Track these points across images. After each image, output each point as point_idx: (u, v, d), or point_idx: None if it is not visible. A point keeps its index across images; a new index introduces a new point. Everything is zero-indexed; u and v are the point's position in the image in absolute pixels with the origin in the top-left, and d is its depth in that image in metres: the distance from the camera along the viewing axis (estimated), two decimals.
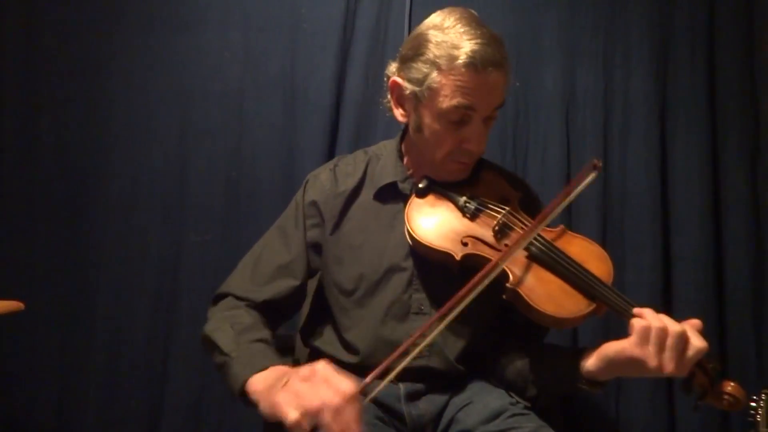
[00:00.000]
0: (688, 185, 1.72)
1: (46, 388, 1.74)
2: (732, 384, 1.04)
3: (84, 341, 1.74)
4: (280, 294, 1.23)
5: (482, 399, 1.18)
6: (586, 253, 1.14)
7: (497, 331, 1.24)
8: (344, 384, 0.91)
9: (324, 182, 1.28)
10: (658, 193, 1.72)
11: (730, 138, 1.74)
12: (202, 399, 1.73)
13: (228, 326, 1.15)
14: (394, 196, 1.24)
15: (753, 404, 1.22)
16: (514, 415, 1.14)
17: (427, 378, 1.20)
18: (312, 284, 1.33)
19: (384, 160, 1.29)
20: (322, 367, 0.93)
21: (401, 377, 1.19)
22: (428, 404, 1.20)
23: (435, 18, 1.17)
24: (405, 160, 1.28)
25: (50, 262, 1.75)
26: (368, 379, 0.96)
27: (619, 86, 1.77)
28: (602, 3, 1.79)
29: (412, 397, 1.20)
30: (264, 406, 0.97)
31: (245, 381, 1.02)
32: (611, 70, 1.78)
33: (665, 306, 1.69)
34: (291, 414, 0.88)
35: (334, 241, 1.25)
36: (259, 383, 1.01)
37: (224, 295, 1.25)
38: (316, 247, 1.27)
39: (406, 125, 1.26)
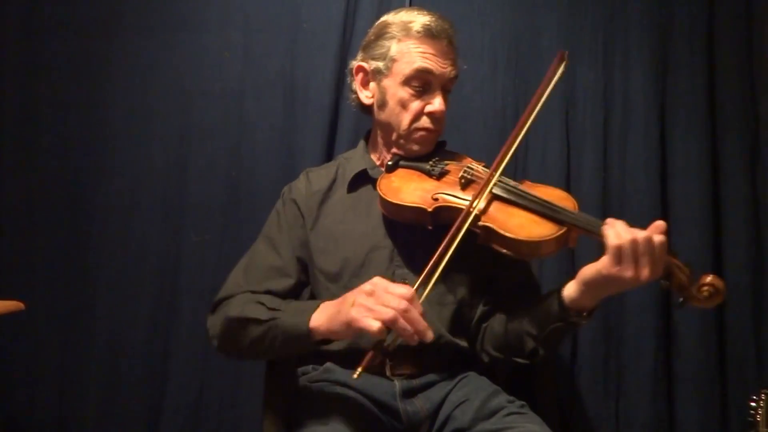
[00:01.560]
0: (687, 185, 1.73)
1: (46, 388, 1.74)
2: (710, 276, 1.07)
3: (84, 341, 1.74)
4: (278, 291, 1.27)
5: (479, 397, 1.19)
6: (550, 195, 1.21)
7: (485, 301, 1.28)
8: (403, 289, 1.02)
9: (299, 186, 1.37)
10: (657, 193, 1.73)
11: (730, 137, 1.74)
12: (202, 399, 1.73)
13: (254, 304, 1.21)
14: (365, 183, 1.32)
15: (753, 404, 1.22)
16: (510, 413, 1.15)
17: (423, 360, 1.22)
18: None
19: (353, 159, 1.38)
20: (378, 280, 1.05)
21: (396, 362, 1.22)
22: (424, 401, 1.21)
23: (387, 14, 1.33)
24: (372, 154, 1.37)
25: (50, 262, 1.75)
26: (417, 284, 1.06)
27: (619, 86, 1.77)
28: (602, 3, 1.79)
29: (408, 394, 1.21)
30: (337, 330, 1.08)
31: (307, 322, 1.11)
32: (611, 70, 1.78)
33: (665, 305, 1.69)
34: (372, 324, 1.00)
35: (315, 236, 1.30)
36: (320, 319, 1.10)
37: (221, 300, 1.27)
38: (302, 245, 1.31)
39: (369, 131, 1.39)
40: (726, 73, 1.75)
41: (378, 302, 1.02)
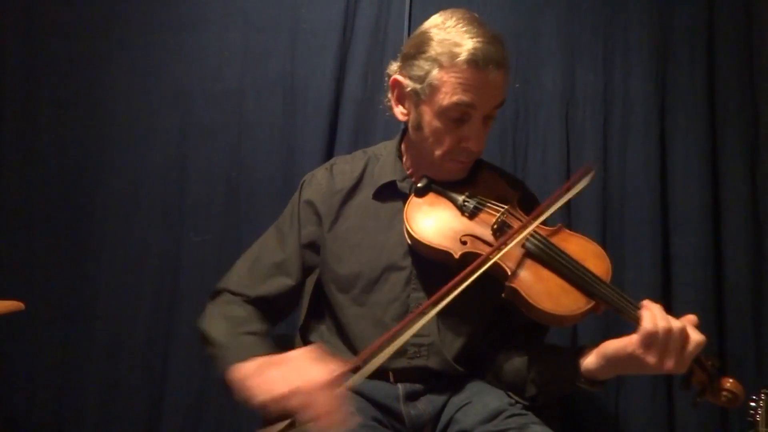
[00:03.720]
0: (687, 185, 1.72)
1: (46, 388, 1.74)
2: (731, 381, 1.04)
3: (84, 341, 1.74)
4: (275, 292, 1.25)
5: (481, 399, 1.19)
6: (585, 251, 1.14)
7: (496, 331, 1.25)
8: (316, 371, 0.93)
9: (320, 181, 1.30)
10: (657, 193, 1.72)
11: (730, 138, 1.74)
12: (202, 399, 1.73)
13: (222, 319, 1.18)
14: (393, 195, 1.25)
15: (752, 404, 1.22)
16: (512, 415, 1.15)
17: (426, 378, 1.21)
18: (309, 283, 1.33)
19: (383, 160, 1.30)
20: (299, 353, 0.96)
21: (400, 378, 1.20)
22: (427, 404, 1.20)
23: (437, 18, 1.18)
24: (404, 160, 1.29)
25: (50, 262, 1.75)
26: (348, 367, 0.97)
27: (619, 86, 1.77)
28: (602, 3, 1.78)
29: (411, 397, 1.20)
30: (238, 392, 1.00)
31: (227, 369, 1.04)
32: (611, 70, 1.77)
33: (664, 305, 1.69)
34: (257, 398, 0.92)
35: (332, 238, 1.25)
36: (239, 371, 1.03)
37: (221, 291, 1.27)
38: (311, 246, 1.28)
39: (406, 126, 1.28)
40: (726, 73, 1.75)
41: (279, 377, 0.93)
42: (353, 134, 1.75)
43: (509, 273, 1.10)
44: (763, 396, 1.22)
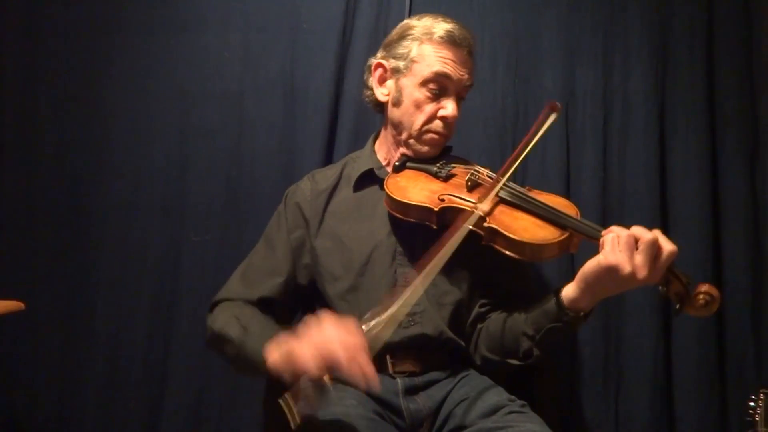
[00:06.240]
0: (686, 185, 1.73)
1: (46, 388, 1.74)
2: (706, 285, 1.09)
3: (84, 341, 1.74)
4: (272, 292, 1.30)
5: (480, 395, 1.21)
6: (553, 201, 1.24)
7: (483, 302, 1.30)
8: (350, 326, 0.98)
9: (304, 189, 1.38)
10: (657, 193, 1.73)
11: (729, 138, 1.74)
12: (202, 399, 1.73)
13: (234, 320, 1.22)
14: (372, 183, 1.35)
15: (752, 404, 1.22)
16: (511, 412, 1.16)
17: (425, 357, 1.24)
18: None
19: (360, 159, 1.40)
20: (326, 316, 1.01)
21: (397, 357, 1.24)
22: (426, 399, 1.22)
23: (412, 18, 1.37)
24: (380, 154, 1.39)
25: (50, 262, 1.75)
26: (370, 316, 1.03)
27: (619, 86, 1.77)
28: (602, 3, 1.79)
29: (410, 391, 1.22)
30: (284, 365, 1.02)
31: (262, 351, 1.07)
32: (611, 70, 1.78)
33: (664, 305, 1.69)
34: (311, 364, 0.96)
35: (321, 237, 1.32)
36: (274, 351, 1.06)
37: (219, 302, 1.31)
38: (301, 248, 1.33)
39: (378, 131, 1.42)
40: (726, 73, 1.75)
41: (322, 337, 0.97)
42: (353, 134, 1.75)
43: (486, 217, 1.18)
44: (762, 396, 1.22)
